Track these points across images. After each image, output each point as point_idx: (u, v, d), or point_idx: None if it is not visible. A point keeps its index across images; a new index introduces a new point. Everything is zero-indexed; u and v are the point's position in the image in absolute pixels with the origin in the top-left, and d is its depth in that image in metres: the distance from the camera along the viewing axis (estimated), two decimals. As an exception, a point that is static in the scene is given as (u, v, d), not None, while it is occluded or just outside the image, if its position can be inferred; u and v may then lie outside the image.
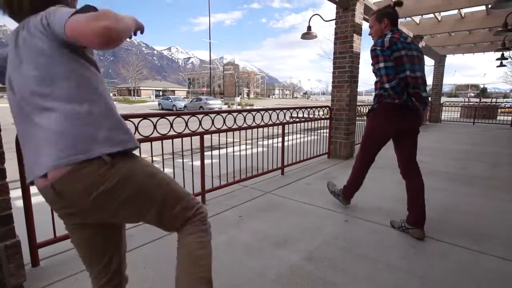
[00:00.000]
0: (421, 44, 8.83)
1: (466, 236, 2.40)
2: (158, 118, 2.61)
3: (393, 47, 2.15)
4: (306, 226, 2.56)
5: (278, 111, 4.00)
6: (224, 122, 3.22)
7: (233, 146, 5.58)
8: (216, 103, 25.11)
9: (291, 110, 4.57)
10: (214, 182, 3.30)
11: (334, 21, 5.14)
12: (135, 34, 1.03)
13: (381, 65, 2.16)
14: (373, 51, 2.22)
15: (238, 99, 39.58)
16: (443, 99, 15.16)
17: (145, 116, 2.52)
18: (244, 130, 3.57)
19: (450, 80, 44.64)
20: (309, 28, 5.54)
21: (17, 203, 2.58)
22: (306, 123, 4.86)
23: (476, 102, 16.36)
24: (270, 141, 6.48)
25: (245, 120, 3.50)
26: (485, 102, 15.74)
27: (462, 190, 3.56)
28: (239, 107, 29.19)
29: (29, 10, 0.96)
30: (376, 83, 2.35)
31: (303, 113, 4.82)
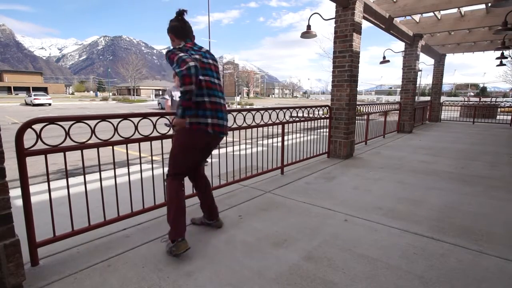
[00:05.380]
0: (421, 42, 8.83)
1: (466, 235, 2.41)
2: (158, 117, 2.60)
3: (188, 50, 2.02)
4: (306, 226, 2.56)
5: (277, 111, 4.00)
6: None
7: (233, 146, 5.57)
8: (216, 103, 25.08)
9: (291, 110, 4.57)
10: (213, 182, 3.29)
11: (334, 19, 5.13)
12: None
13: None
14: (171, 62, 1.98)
15: (238, 98, 39.52)
16: (443, 98, 15.17)
17: (144, 116, 2.52)
18: (244, 130, 3.56)
19: (449, 79, 44.59)
20: (308, 27, 5.53)
21: (17, 203, 2.58)
22: (306, 123, 4.85)
23: (476, 101, 16.35)
24: (270, 140, 6.48)
25: (245, 120, 3.49)
26: (485, 102, 15.73)
27: (462, 190, 3.56)
28: (239, 107, 29.16)
29: None
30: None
31: (302, 112, 4.81)
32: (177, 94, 4.34)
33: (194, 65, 1.86)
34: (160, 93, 63.14)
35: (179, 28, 2.14)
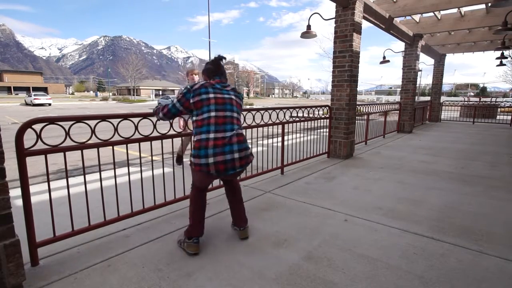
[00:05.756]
0: (421, 42, 8.83)
1: (466, 235, 2.41)
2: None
3: (201, 90, 2.09)
4: (306, 226, 2.56)
5: (278, 111, 4.00)
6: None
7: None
8: (215, 102, 25.09)
9: (291, 110, 4.57)
10: (213, 182, 3.29)
11: (334, 19, 5.13)
12: None
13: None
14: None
15: (237, 98, 39.51)
16: (443, 98, 15.18)
17: (144, 116, 2.52)
18: (244, 130, 3.56)
19: (449, 79, 44.64)
20: (308, 27, 5.53)
21: (17, 203, 2.58)
22: (306, 123, 4.85)
23: (476, 101, 16.36)
24: (270, 140, 6.48)
25: (245, 120, 3.49)
26: (485, 102, 15.74)
27: (462, 190, 3.56)
28: (238, 106, 29.06)
29: None
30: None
31: (302, 112, 4.81)
32: None
33: (174, 106, 2.15)
34: (160, 93, 63.17)
35: (211, 70, 2.28)
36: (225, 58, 2.36)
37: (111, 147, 2.32)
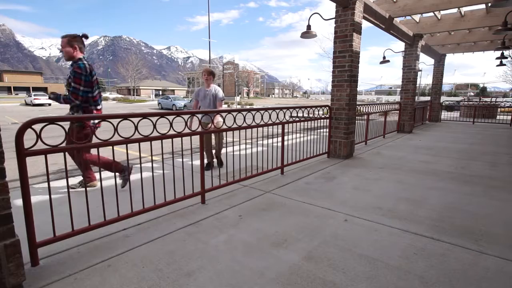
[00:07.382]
0: (421, 42, 8.83)
1: (466, 235, 2.41)
2: (158, 117, 2.60)
3: (92, 72, 3.07)
4: (306, 226, 2.56)
5: (278, 111, 4.00)
6: (224, 121, 3.22)
7: (233, 146, 5.57)
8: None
9: (291, 110, 4.57)
10: (213, 182, 3.30)
11: (334, 19, 5.13)
12: None
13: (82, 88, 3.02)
14: (79, 74, 2.99)
15: (238, 98, 39.53)
16: (443, 99, 15.19)
17: (144, 116, 2.52)
18: (244, 130, 3.56)
19: (449, 79, 44.58)
20: (308, 26, 5.53)
21: (17, 203, 2.58)
22: (306, 123, 4.86)
23: (476, 101, 16.36)
24: (270, 140, 6.48)
25: (245, 120, 3.49)
26: (485, 102, 15.75)
27: (462, 190, 3.56)
28: (239, 107, 29.14)
29: None
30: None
31: (302, 112, 4.81)
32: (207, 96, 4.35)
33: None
34: (160, 93, 63.17)
35: (83, 45, 3.15)
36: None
37: (111, 147, 2.32)
